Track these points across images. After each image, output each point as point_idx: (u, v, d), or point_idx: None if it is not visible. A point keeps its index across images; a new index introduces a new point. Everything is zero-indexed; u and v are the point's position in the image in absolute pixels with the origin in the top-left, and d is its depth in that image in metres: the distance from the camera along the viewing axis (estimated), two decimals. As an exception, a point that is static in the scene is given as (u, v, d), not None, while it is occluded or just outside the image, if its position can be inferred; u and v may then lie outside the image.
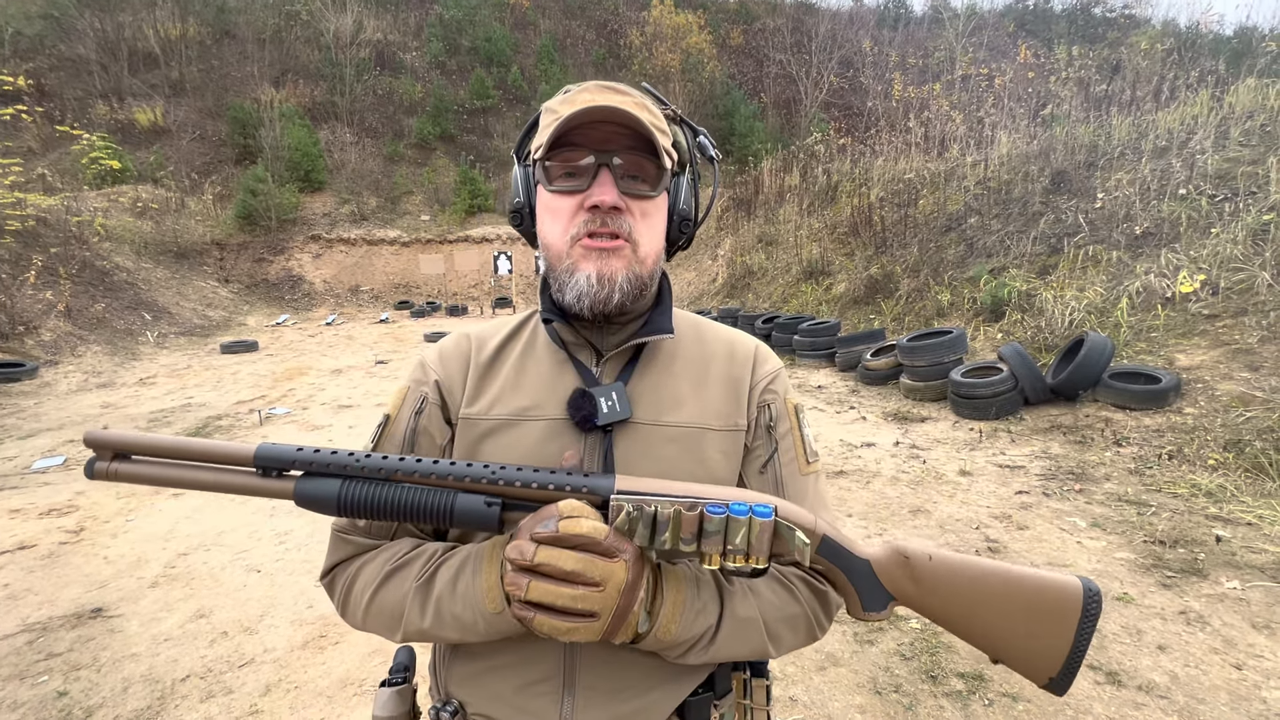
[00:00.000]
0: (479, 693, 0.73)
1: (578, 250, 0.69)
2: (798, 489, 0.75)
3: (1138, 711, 2.08)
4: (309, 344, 11.07)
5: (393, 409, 0.78)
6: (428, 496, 0.60)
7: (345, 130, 19.40)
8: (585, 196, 0.68)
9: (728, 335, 0.82)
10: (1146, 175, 7.09)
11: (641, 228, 0.70)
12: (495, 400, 0.75)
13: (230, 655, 2.54)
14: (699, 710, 0.73)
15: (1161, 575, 2.88)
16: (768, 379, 0.78)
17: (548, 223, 0.72)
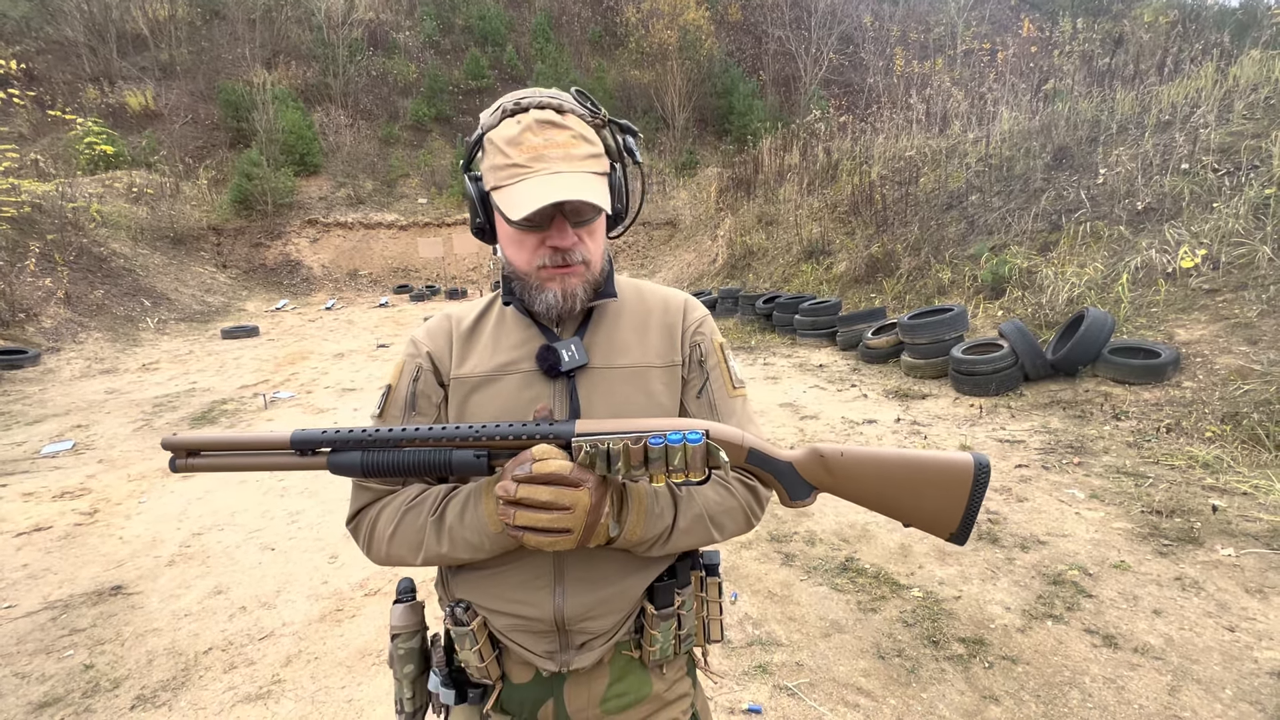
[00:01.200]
0: (484, 593, 0.86)
1: (543, 274, 0.83)
2: (728, 408, 0.91)
3: (1133, 672, 2.14)
4: (309, 329, 11.08)
5: (393, 380, 0.93)
6: (431, 456, 0.75)
7: (339, 112, 19.18)
8: (545, 236, 0.81)
9: (663, 292, 0.98)
10: (1149, 150, 7.05)
11: (591, 246, 0.84)
12: (479, 362, 0.89)
13: (250, 629, 2.61)
14: (665, 594, 0.87)
15: (1158, 544, 2.94)
16: (696, 324, 0.94)
17: (512, 249, 0.84)
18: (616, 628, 0.86)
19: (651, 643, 0.86)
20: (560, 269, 0.82)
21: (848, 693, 2.10)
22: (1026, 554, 2.93)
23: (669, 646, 0.88)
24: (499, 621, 0.86)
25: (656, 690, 0.90)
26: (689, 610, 0.90)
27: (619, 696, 0.88)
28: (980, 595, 2.63)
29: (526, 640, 0.85)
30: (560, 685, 0.87)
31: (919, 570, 2.85)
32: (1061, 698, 2.04)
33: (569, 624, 0.84)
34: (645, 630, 0.87)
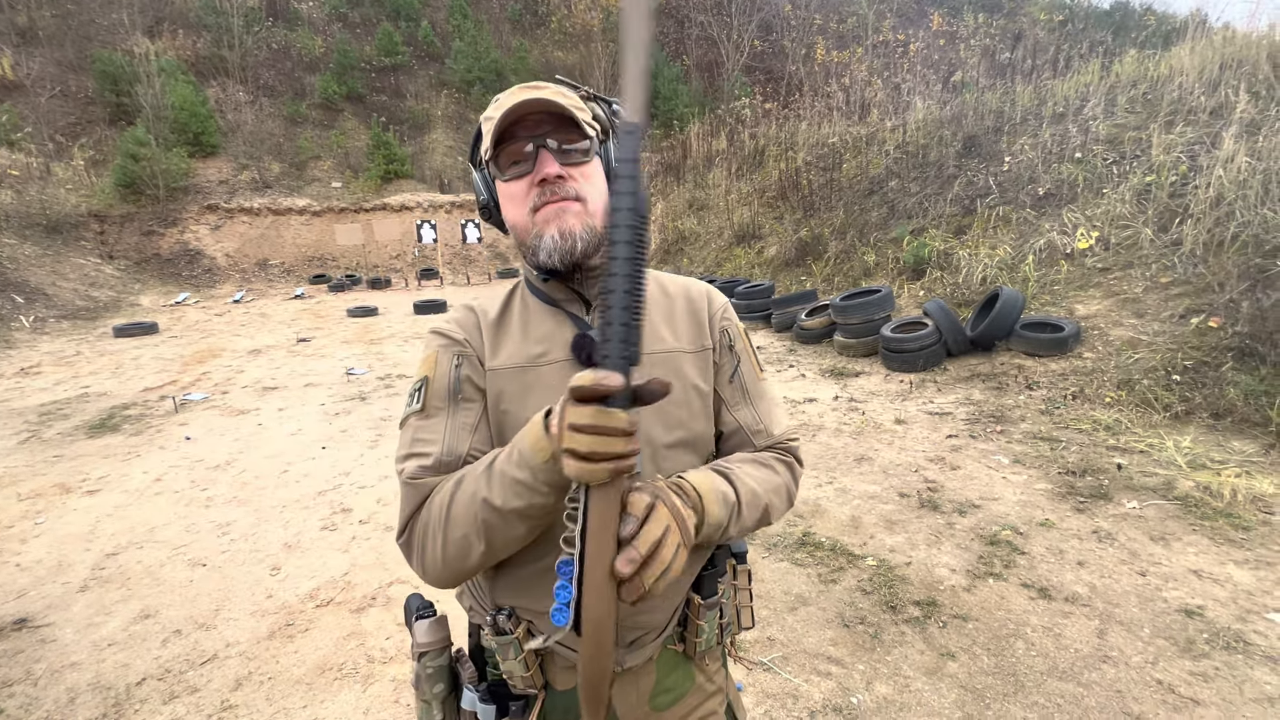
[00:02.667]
0: (529, 595, 0.82)
1: (540, 218, 0.81)
2: (758, 391, 0.95)
3: (1066, 619, 2.36)
4: (217, 324, 10.24)
5: (429, 370, 0.86)
6: None
7: (238, 88, 17.66)
8: (533, 175, 0.81)
9: (683, 281, 0.99)
10: (1047, 140, 7.64)
11: (586, 186, 0.83)
12: (512, 353, 0.86)
13: (189, 653, 2.40)
14: (710, 583, 0.88)
15: (1075, 501, 3.24)
16: (722, 310, 0.97)
17: (510, 208, 0.85)
18: (667, 622, 0.86)
19: (698, 634, 0.86)
20: (552, 202, 0.80)
21: (819, 662, 2.19)
22: (964, 518, 3.15)
23: (713, 636, 0.88)
24: (546, 626, 0.82)
25: (699, 682, 0.90)
26: (728, 599, 0.91)
27: (667, 692, 0.88)
28: (928, 560, 2.80)
29: (575, 642, 0.81)
30: None
31: (870, 540, 3.00)
32: (1009, 648, 2.21)
33: (622, 620, 0.80)
34: (690, 621, 0.87)
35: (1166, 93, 7.17)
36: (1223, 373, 4.18)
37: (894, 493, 3.47)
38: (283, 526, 3.40)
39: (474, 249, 15.98)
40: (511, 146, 0.82)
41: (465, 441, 0.82)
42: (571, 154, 0.82)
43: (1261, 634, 2.21)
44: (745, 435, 0.91)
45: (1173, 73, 7.43)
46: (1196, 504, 3.09)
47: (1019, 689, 2.03)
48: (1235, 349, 4.28)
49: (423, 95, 19.79)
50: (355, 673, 2.25)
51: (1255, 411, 3.84)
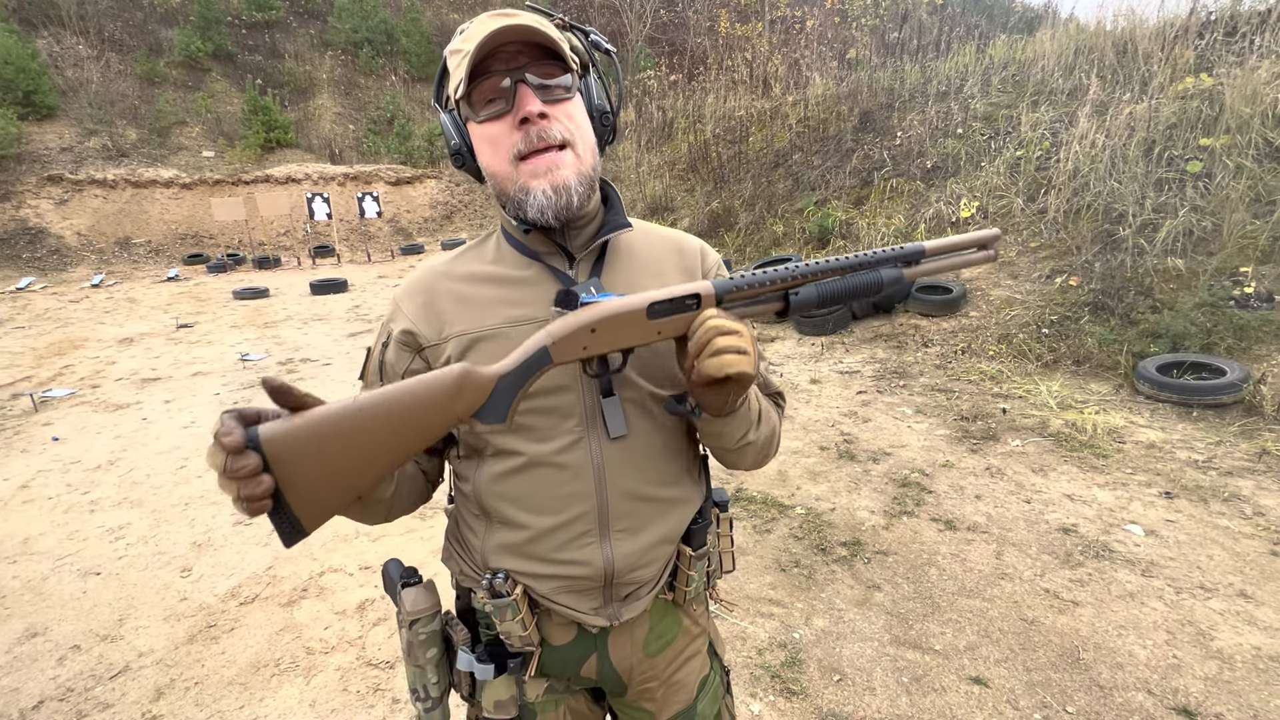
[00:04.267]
0: (526, 558, 0.81)
1: (525, 170, 0.74)
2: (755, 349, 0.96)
3: (969, 546, 2.65)
4: (74, 311, 9.04)
5: (374, 342, 0.87)
6: (866, 278, 0.79)
7: (77, 41, 15.33)
8: (514, 114, 0.73)
9: (673, 235, 0.95)
10: (933, 116, 8.22)
11: (571, 128, 0.76)
12: (483, 314, 0.80)
13: (93, 669, 2.19)
14: (700, 535, 0.89)
15: (970, 444, 3.61)
16: (716, 266, 0.94)
17: (487, 153, 0.77)
18: (660, 574, 0.87)
19: (687, 583, 0.88)
20: (541, 156, 0.74)
21: (762, 605, 2.34)
22: (878, 465, 3.43)
23: (701, 584, 0.90)
24: (544, 586, 0.82)
25: (685, 625, 0.93)
26: (714, 548, 0.93)
27: (658, 638, 0.90)
28: (849, 504, 3.04)
29: (573, 600, 0.83)
30: (604, 639, 0.86)
31: (798, 491, 3.21)
32: (925, 576, 2.46)
33: (619, 576, 0.82)
34: (681, 572, 0.88)
35: (1032, 75, 7.91)
36: (1081, 325, 4.77)
37: (815, 447, 3.71)
38: (189, 525, 3.12)
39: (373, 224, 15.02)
40: (486, 83, 0.74)
41: None
42: (553, 89, 0.75)
43: (1121, 542, 2.59)
44: None
45: (1036, 57, 8.19)
46: (1066, 439, 3.54)
47: (935, 609, 2.27)
48: (1091, 304, 4.88)
49: (304, 56, 18.12)
50: (295, 666, 2.14)
51: (1108, 357, 4.43)
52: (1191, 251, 4.85)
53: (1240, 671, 1.93)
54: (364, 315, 8.15)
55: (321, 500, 0.62)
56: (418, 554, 2.73)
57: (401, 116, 17.07)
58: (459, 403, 0.66)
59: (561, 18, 0.81)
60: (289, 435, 0.59)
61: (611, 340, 0.71)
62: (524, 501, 0.80)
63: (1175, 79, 6.36)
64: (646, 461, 0.82)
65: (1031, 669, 1.98)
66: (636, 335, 0.72)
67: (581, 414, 0.79)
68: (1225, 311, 4.23)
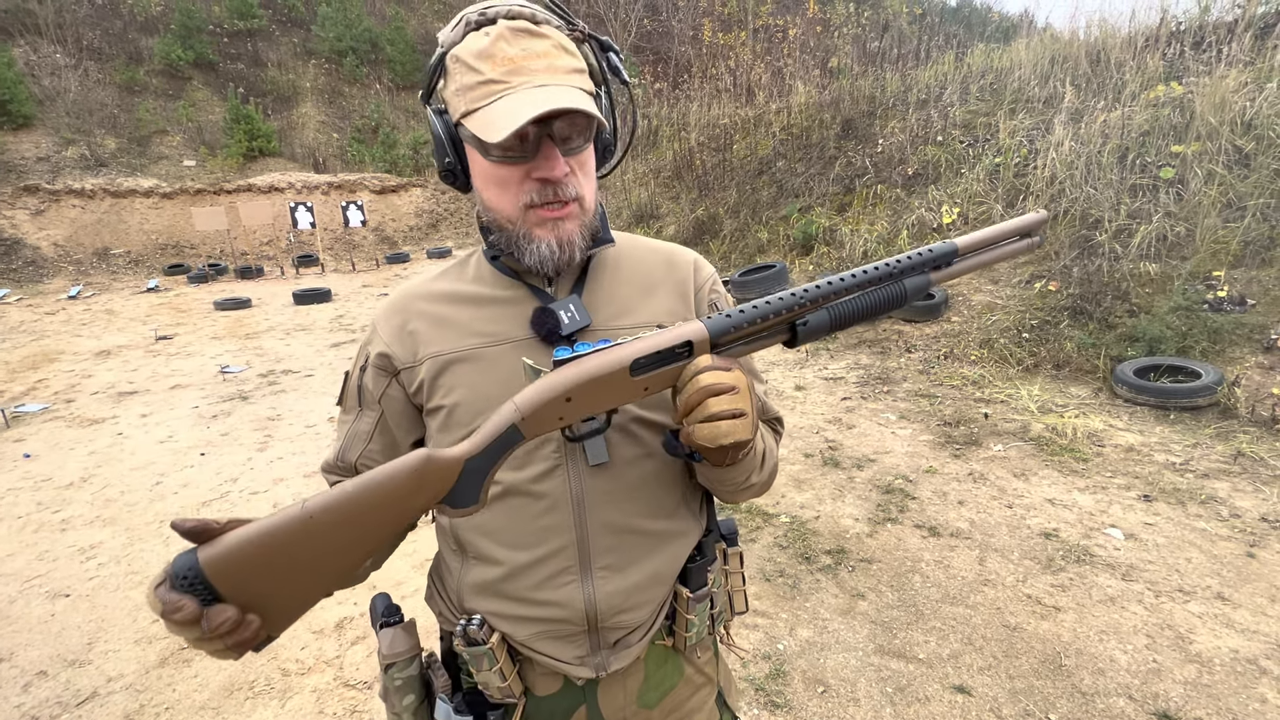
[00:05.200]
0: (502, 599, 0.76)
1: (531, 217, 0.71)
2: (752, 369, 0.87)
3: (953, 552, 2.66)
4: (50, 323, 8.87)
5: (352, 366, 0.85)
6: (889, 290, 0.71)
7: (54, 49, 15.13)
8: (531, 168, 0.69)
9: (663, 247, 0.89)
10: (914, 124, 8.33)
11: (583, 180, 0.73)
12: (458, 336, 0.77)
13: (60, 695, 2.12)
14: (699, 575, 0.81)
15: (953, 449, 3.63)
16: (710, 281, 0.88)
17: (493, 192, 0.73)
18: (653, 618, 0.79)
19: (687, 628, 0.80)
20: (552, 209, 0.71)
21: (747, 617, 2.33)
22: (862, 471, 3.43)
23: (703, 629, 0.82)
24: (522, 631, 0.76)
25: (688, 675, 0.85)
26: (719, 587, 0.85)
27: (655, 688, 0.82)
28: (834, 512, 3.04)
29: (554, 648, 0.77)
30: (593, 690, 0.79)
31: (782, 499, 3.20)
32: (908, 584, 2.46)
33: (602, 619, 0.76)
34: (679, 615, 0.81)
35: (1009, 83, 8.04)
36: (1061, 329, 4.83)
37: (799, 454, 3.71)
38: (163, 544, 3.05)
39: (357, 233, 14.91)
40: None
41: (356, 450, 0.83)
42: (573, 141, 0.71)
43: (1102, 546, 2.61)
44: None
45: (1013, 65, 8.33)
46: (1047, 443, 3.57)
47: (919, 617, 2.27)
48: (1069, 308, 4.95)
49: (287, 65, 18.01)
50: (270, 688, 2.09)
51: (1086, 361, 4.48)
52: (1166, 256, 4.93)
53: (1219, 675, 1.94)
54: (348, 325, 8.07)
55: (285, 609, 0.57)
56: (400, 570, 2.69)
57: (386, 125, 17.00)
58: (422, 494, 0.60)
59: (583, 28, 0.75)
60: (230, 558, 0.52)
61: (590, 405, 0.64)
62: (499, 534, 0.76)
63: (1147, 87, 6.49)
64: (634, 491, 0.77)
65: (1014, 676, 1.98)
66: (619, 395, 0.65)
67: (559, 438, 0.74)
68: (1199, 315, 4.30)
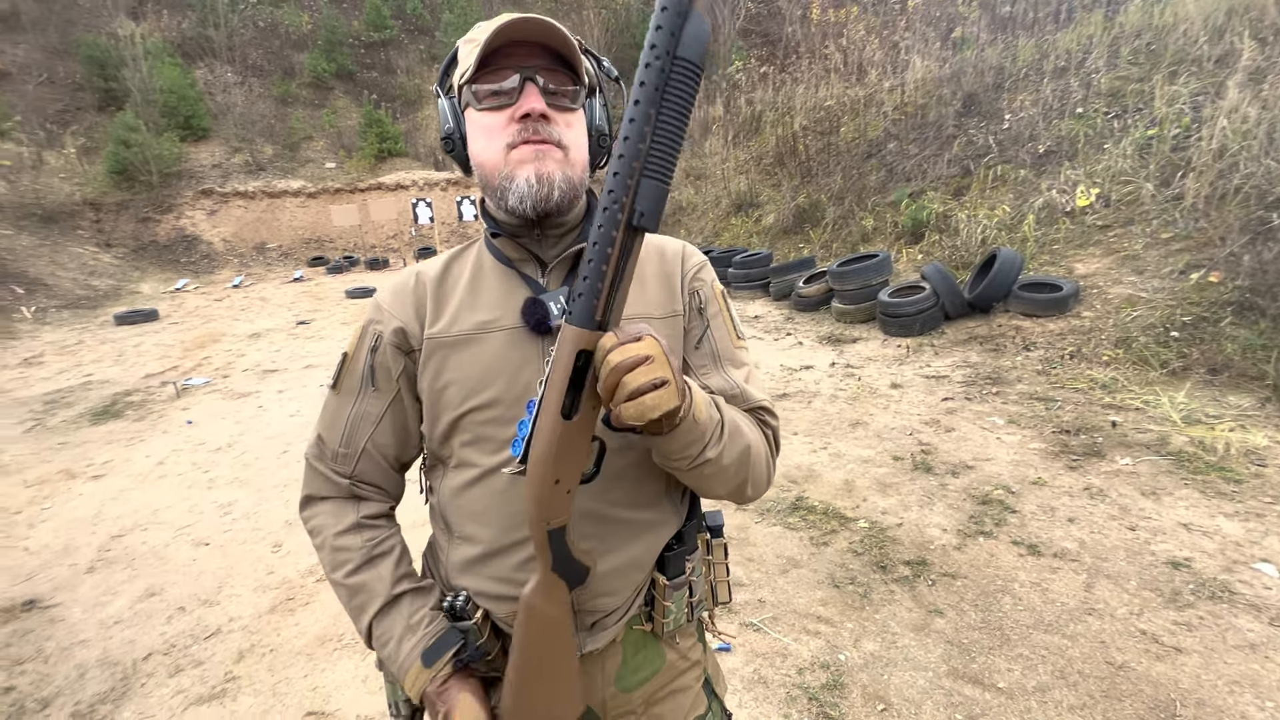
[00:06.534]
0: (484, 578, 0.80)
1: (513, 157, 0.74)
2: (733, 357, 0.86)
3: (1054, 574, 2.38)
4: (217, 309, 10.26)
5: (351, 347, 0.86)
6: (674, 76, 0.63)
7: (226, 69, 17.37)
8: (515, 109, 0.73)
9: (657, 240, 0.90)
10: (1048, 95, 7.46)
11: (569, 135, 0.76)
12: (454, 319, 0.80)
13: (193, 629, 2.47)
14: (676, 563, 0.83)
15: (1068, 459, 3.24)
16: (695, 269, 0.88)
17: (480, 141, 0.76)
18: (629, 604, 0.81)
19: (665, 614, 0.82)
20: (532, 143, 0.73)
21: (808, 622, 2.23)
22: (957, 479, 3.16)
23: (682, 616, 0.84)
24: (501, 609, 0.79)
25: (670, 660, 0.87)
26: (699, 576, 0.86)
27: (634, 673, 0.84)
28: (919, 520, 2.82)
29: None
30: None
31: (863, 503, 3.03)
32: (996, 604, 2.24)
33: (579, 603, 0.77)
34: (657, 602, 0.83)
35: (1171, 42, 6.96)
36: (1221, 328, 4.14)
37: (888, 456, 3.48)
38: (283, 505, 3.45)
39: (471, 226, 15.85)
40: (494, 74, 0.74)
41: (364, 434, 0.83)
42: (559, 96, 0.75)
43: (1247, 583, 2.23)
44: None
45: (1177, 20, 7.20)
46: (1189, 459, 3.09)
47: (1004, 642, 2.06)
48: (1235, 303, 4.23)
49: (414, 70, 19.44)
50: (355, 644, 2.30)
51: (1252, 365, 3.81)
52: (1371, 241, 4.07)
53: (1393, 752, 1.60)
54: (456, 313, 8.62)
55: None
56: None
57: (499, 123, 17.88)
58: (557, 605, 0.72)
59: (580, 41, 0.79)
60: None
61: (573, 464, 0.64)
62: (480, 516, 0.79)
63: (1359, 36, 5.37)
64: (615, 481, 0.77)
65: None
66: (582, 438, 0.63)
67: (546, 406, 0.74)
68: None
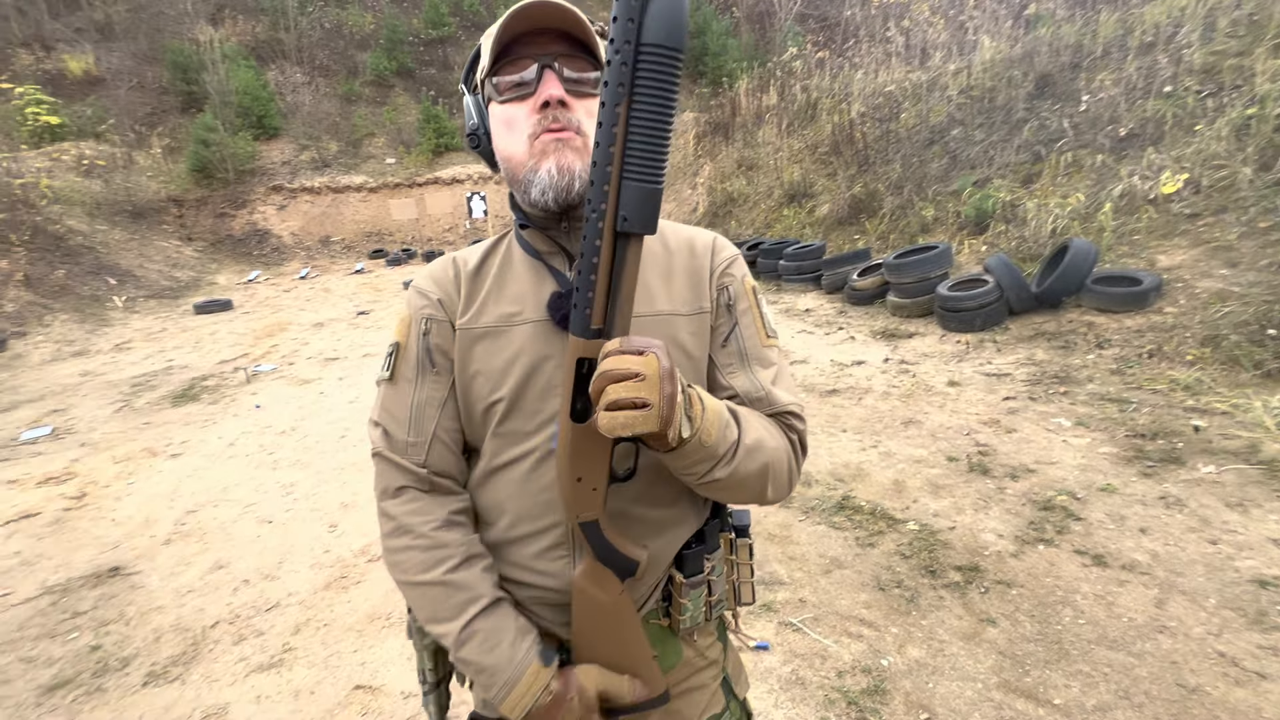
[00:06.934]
0: (503, 562, 0.81)
1: (536, 148, 0.74)
2: (761, 356, 0.84)
3: (1121, 588, 2.23)
4: (285, 299, 10.81)
5: (401, 337, 0.84)
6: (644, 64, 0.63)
7: (295, 70, 18.19)
8: (535, 98, 0.73)
9: (688, 232, 0.88)
10: (1132, 74, 6.93)
11: (589, 122, 0.75)
12: (482, 310, 0.81)
13: (255, 601, 2.61)
14: (694, 561, 0.82)
15: (1142, 465, 3.02)
16: (725, 264, 0.86)
17: (504, 135, 0.77)
18: (643, 599, 0.81)
19: (681, 611, 0.81)
20: (554, 133, 0.73)
21: (850, 624, 2.17)
22: (1017, 482, 3.00)
23: (699, 614, 0.83)
24: (520, 593, 0.81)
25: (687, 656, 0.86)
26: (719, 575, 0.85)
27: None
28: (973, 524, 2.70)
29: (547, 612, 0.81)
30: None
31: (914, 504, 2.91)
32: (1055, 616, 2.12)
33: None
34: (674, 599, 0.82)
35: (1277, 12, 6.34)
36: (1327, 325, 3.77)
37: (942, 456, 3.34)
38: (340, 487, 3.60)
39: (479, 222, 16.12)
40: (514, 65, 0.74)
41: (432, 419, 0.81)
42: (579, 83, 0.75)
43: (1348, 608, 2.02)
44: (742, 403, 0.82)
45: (1286, -13, 6.55)
46: (1284, 468, 2.83)
47: (1062, 656, 1.94)
48: (1344, 299, 3.84)
49: (470, 66, 19.85)
50: (401, 622, 2.38)
51: (1363, 368, 3.46)
52: None
53: None
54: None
55: None
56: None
57: (551, 116, 18.06)
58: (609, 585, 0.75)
59: (601, 26, 0.77)
60: None
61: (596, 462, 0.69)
62: (503, 504, 0.80)
63: None
64: (634, 481, 0.77)
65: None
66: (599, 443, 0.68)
67: (557, 425, 0.75)
68: None
